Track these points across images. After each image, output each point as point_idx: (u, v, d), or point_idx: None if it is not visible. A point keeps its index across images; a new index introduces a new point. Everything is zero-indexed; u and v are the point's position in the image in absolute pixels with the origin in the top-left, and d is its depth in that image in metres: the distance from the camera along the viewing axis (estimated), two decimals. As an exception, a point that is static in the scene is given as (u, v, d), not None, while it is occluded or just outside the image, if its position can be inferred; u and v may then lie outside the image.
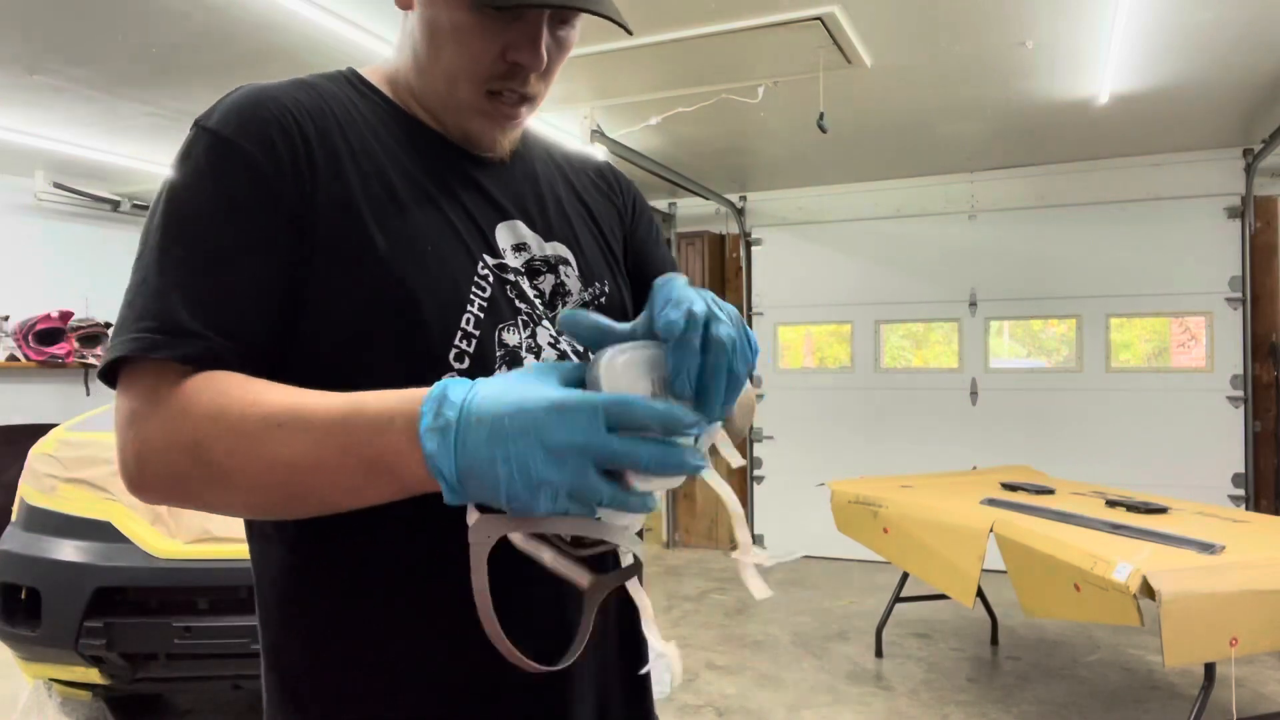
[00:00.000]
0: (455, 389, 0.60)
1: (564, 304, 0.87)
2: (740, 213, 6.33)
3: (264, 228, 0.73)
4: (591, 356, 0.62)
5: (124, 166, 5.21)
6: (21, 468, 2.94)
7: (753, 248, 6.39)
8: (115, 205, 5.91)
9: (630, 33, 0.81)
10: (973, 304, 5.79)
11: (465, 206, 0.83)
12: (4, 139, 4.58)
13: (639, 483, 0.59)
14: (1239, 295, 5.15)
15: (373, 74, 0.88)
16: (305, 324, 0.74)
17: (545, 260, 0.87)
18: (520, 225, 0.86)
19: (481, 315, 0.79)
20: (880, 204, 5.98)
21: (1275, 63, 3.70)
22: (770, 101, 3.92)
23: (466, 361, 0.77)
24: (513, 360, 0.80)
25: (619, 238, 0.99)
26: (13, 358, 5.39)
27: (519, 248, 0.85)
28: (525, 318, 0.82)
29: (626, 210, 1.02)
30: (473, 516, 0.64)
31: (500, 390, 0.59)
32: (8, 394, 5.43)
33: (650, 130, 4.41)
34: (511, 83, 0.80)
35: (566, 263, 0.89)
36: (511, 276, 0.83)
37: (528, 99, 0.83)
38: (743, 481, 6.23)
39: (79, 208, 5.79)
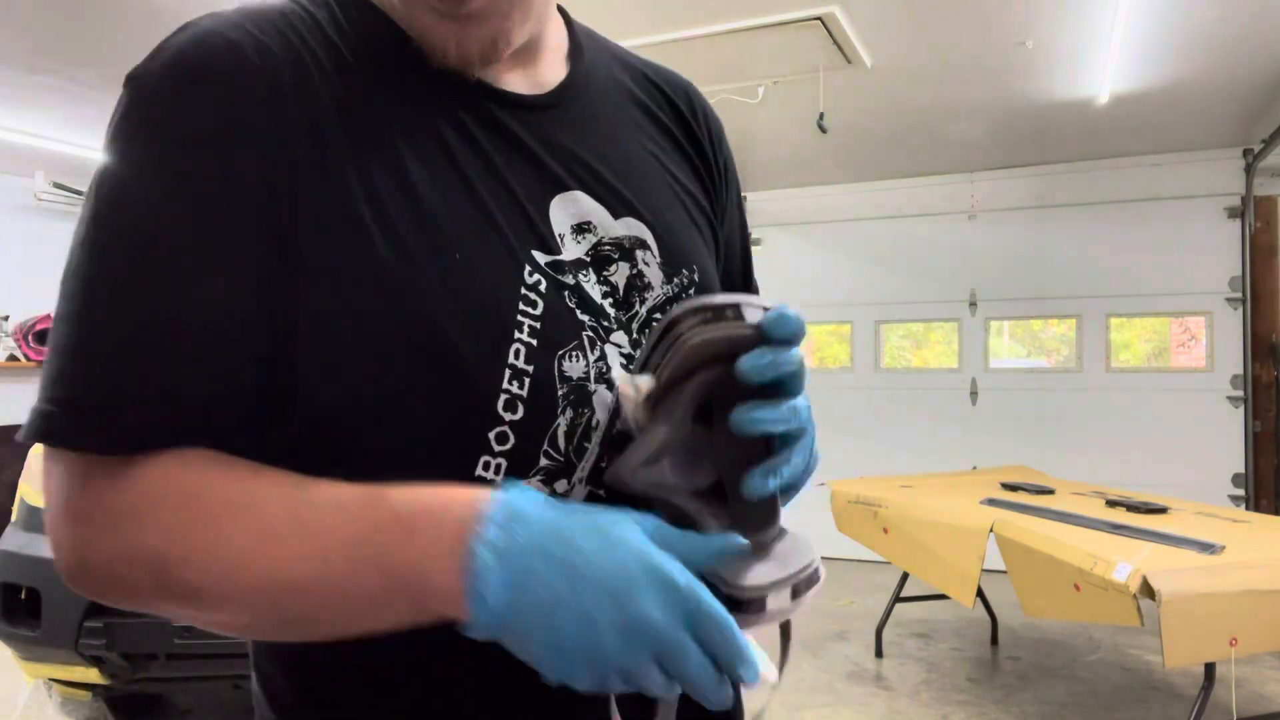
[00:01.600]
0: (521, 501, 0.49)
1: (641, 301, 0.65)
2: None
3: (224, 230, 0.54)
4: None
5: (124, 166, 5.21)
6: (21, 468, 2.94)
7: (752, 248, 6.38)
8: (115, 205, 5.91)
9: None
10: (973, 304, 5.79)
11: (506, 181, 0.61)
12: (4, 139, 4.58)
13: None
14: (1239, 295, 5.15)
15: None
16: (301, 381, 0.55)
17: (616, 243, 0.65)
18: (581, 196, 0.64)
19: (535, 343, 0.58)
20: (880, 204, 5.98)
21: (1275, 63, 3.70)
22: (770, 101, 3.92)
23: (520, 410, 0.57)
24: (579, 399, 0.60)
25: (706, 208, 0.77)
26: (13, 358, 5.39)
27: (581, 228, 0.64)
28: (590, 333, 0.61)
29: (718, 177, 0.79)
30: None
31: (583, 525, 0.49)
32: (8, 394, 5.43)
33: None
34: None
35: (644, 245, 0.66)
36: (570, 276, 0.62)
37: None
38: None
39: (79, 208, 5.78)
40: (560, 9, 0.72)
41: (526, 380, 0.58)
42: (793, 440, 0.55)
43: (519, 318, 0.58)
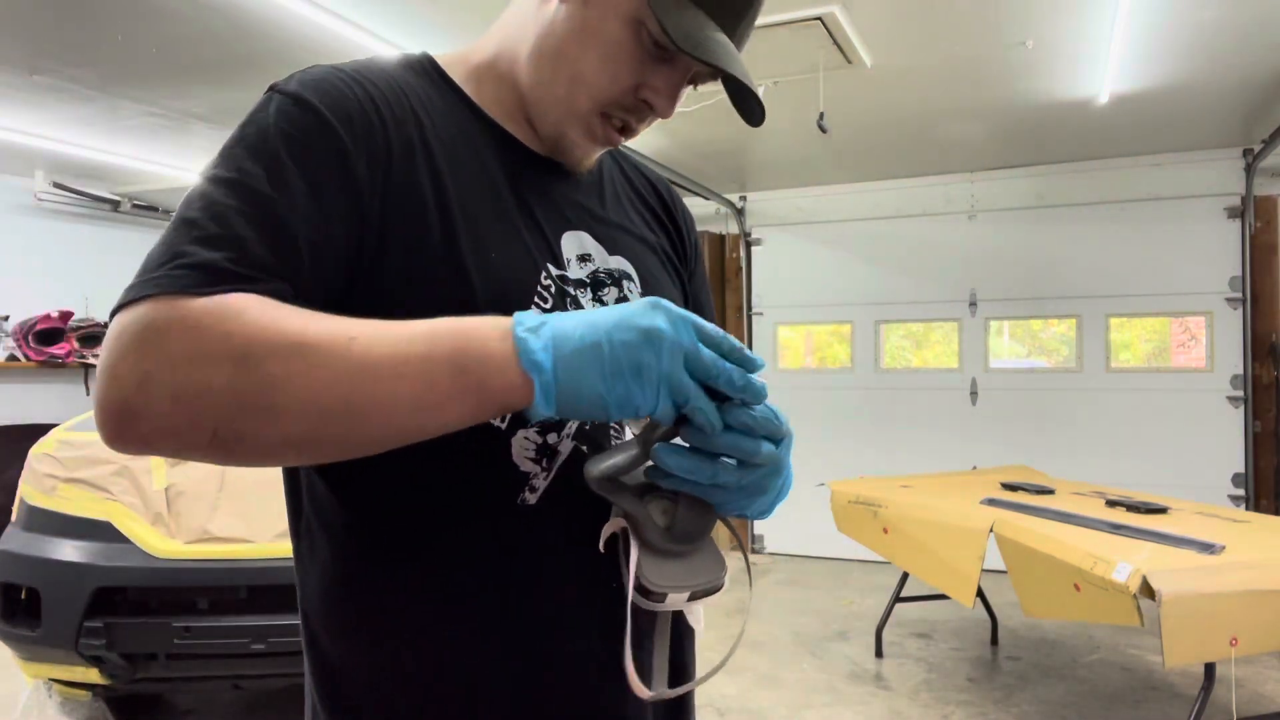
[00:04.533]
0: (533, 313, 0.64)
1: None
2: (740, 213, 6.33)
3: (327, 181, 0.68)
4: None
5: (124, 166, 5.22)
6: (21, 468, 2.94)
7: (753, 248, 6.39)
8: (115, 205, 5.92)
9: (756, 124, 0.80)
10: (973, 304, 5.79)
11: (534, 214, 0.80)
12: (4, 139, 4.58)
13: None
14: (1239, 295, 5.15)
15: (455, 64, 0.84)
16: (359, 314, 0.69)
17: (609, 273, 0.85)
18: (586, 236, 0.84)
19: None
20: (880, 204, 5.98)
21: (1275, 63, 3.70)
22: (770, 101, 3.91)
23: None
24: None
25: (678, 267, 0.97)
26: (13, 358, 5.39)
27: (584, 258, 0.83)
28: None
29: (688, 250, 0.99)
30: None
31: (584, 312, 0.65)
32: (8, 394, 5.43)
33: (650, 130, 4.40)
34: (629, 115, 0.79)
35: (629, 277, 0.86)
36: (572, 289, 0.80)
37: (629, 130, 0.81)
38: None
39: (79, 208, 5.79)
40: None
41: None
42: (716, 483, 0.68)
43: (533, 306, 0.76)
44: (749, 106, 0.78)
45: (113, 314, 0.61)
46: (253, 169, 0.66)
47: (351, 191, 0.69)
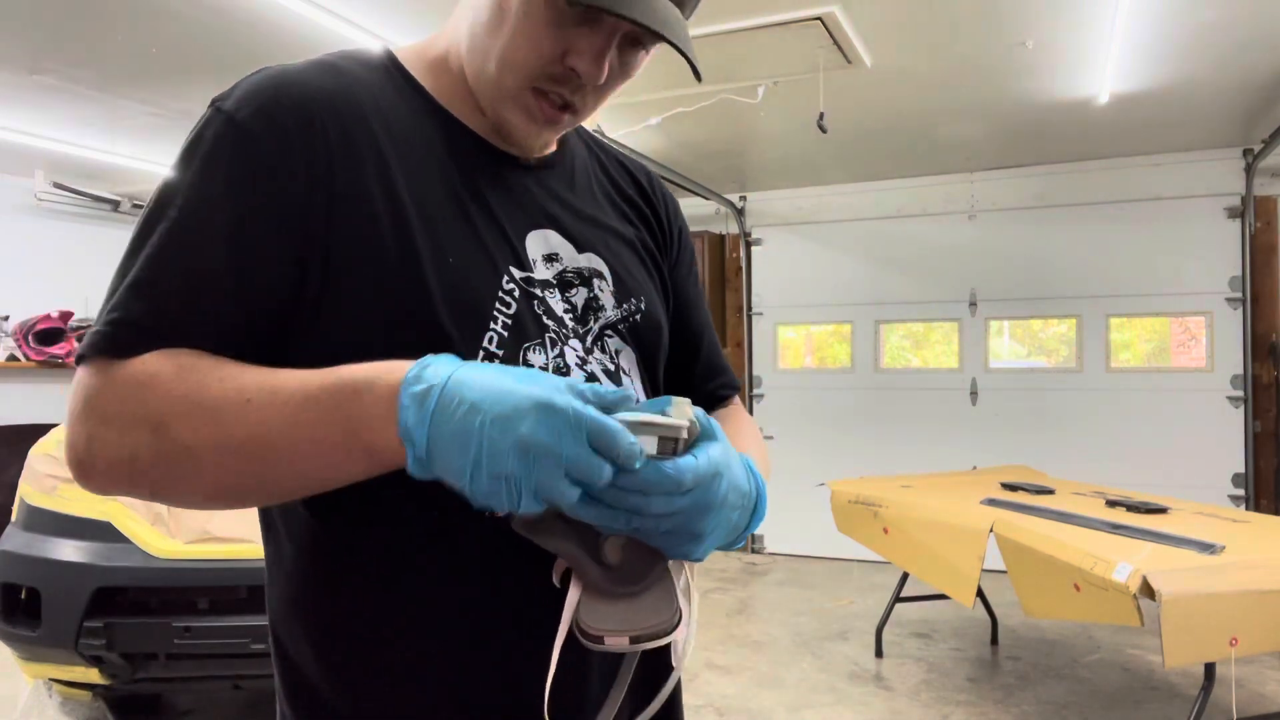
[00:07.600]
0: (440, 363, 0.61)
1: (595, 318, 0.82)
2: (740, 213, 6.33)
3: (261, 217, 0.69)
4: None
5: (124, 166, 5.21)
6: (21, 468, 2.94)
7: (753, 248, 6.39)
8: (115, 205, 5.91)
9: (699, 78, 0.76)
10: (973, 304, 5.79)
11: (495, 214, 0.78)
12: (4, 139, 4.58)
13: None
14: (1239, 295, 5.15)
15: (413, 59, 0.82)
16: (315, 333, 0.70)
17: (578, 272, 0.82)
18: (553, 234, 0.82)
19: (506, 334, 0.74)
20: (880, 204, 5.98)
21: (1275, 63, 3.71)
22: (770, 101, 3.91)
23: None
24: None
25: (657, 259, 0.94)
26: (13, 358, 5.39)
27: (550, 258, 0.80)
28: (552, 335, 0.78)
29: (670, 239, 0.96)
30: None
31: (490, 376, 0.59)
32: (8, 394, 5.43)
33: (650, 130, 4.41)
34: (562, 87, 0.76)
35: (600, 276, 0.84)
36: (539, 291, 0.78)
37: (572, 107, 0.78)
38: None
39: (79, 208, 5.79)
40: None
41: (497, 361, 0.73)
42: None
43: (495, 313, 0.74)
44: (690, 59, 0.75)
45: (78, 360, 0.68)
46: (189, 205, 0.69)
47: (289, 215, 0.69)
